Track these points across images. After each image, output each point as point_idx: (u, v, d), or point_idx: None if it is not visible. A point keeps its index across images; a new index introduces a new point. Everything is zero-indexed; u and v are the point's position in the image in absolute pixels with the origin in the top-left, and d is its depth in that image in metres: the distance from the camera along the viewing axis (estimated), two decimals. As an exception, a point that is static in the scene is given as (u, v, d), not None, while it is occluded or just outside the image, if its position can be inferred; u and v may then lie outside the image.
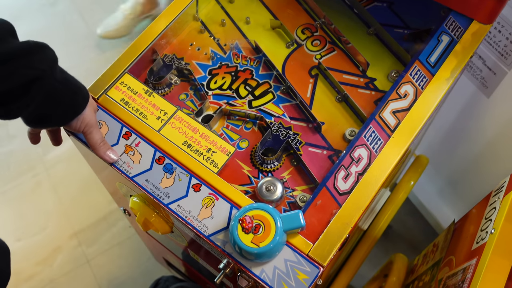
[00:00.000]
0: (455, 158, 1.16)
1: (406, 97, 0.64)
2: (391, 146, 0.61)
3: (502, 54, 0.85)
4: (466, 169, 1.15)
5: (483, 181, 1.11)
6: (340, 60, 0.71)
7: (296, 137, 0.66)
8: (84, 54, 1.61)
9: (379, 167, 0.60)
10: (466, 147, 1.10)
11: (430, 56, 0.66)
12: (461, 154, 1.13)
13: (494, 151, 1.03)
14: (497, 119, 0.96)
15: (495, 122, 0.97)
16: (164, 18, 0.72)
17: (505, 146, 0.99)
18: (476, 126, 1.03)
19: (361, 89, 0.68)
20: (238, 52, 0.73)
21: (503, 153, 1.01)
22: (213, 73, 0.72)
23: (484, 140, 1.03)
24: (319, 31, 0.74)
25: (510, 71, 0.86)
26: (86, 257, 1.35)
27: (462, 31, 0.67)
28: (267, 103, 0.69)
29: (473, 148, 1.08)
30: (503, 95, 0.91)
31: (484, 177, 1.10)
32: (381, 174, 0.59)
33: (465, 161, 1.13)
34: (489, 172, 1.08)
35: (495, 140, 1.00)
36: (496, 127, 0.98)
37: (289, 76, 0.70)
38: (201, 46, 0.74)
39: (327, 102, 0.68)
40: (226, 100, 0.69)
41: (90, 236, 1.37)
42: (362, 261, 0.92)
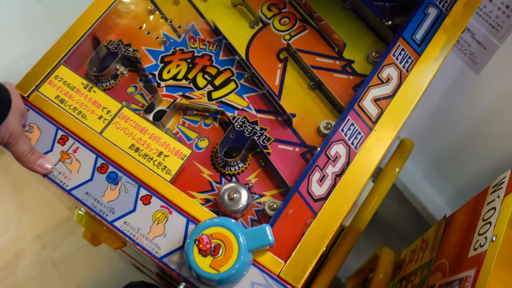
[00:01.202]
0: (441, 139, 1.08)
1: (389, 82, 0.54)
2: (373, 141, 0.52)
3: (494, 27, 0.77)
4: (453, 150, 1.07)
5: (471, 162, 1.04)
6: (313, 40, 0.61)
7: (264, 133, 0.56)
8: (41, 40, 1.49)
9: (360, 166, 0.51)
10: (453, 127, 1.02)
11: (416, 32, 0.56)
12: (448, 134, 1.05)
13: (483, 131, 0.95)
14: (487, 97, 0.88)
15: (485, 101, 0.89)
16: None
17: (495, 126, 0.92)
18: (464, 105, 0.95)
19: (337, 73, 0.59)
20: (195, 34, 0.63)
21: (493, 133, 0.93)
22: (166, 61, 0.62)
23: (473, 120, 0.96)
24: (287, 7, 0.64)
25: (502, 45, 0.78)
26: (52, 260, 1.26)
27: (452, 1, 0.57)
28: (229, 94, 0.59)
29: (461, 128, 1.00)
30: (494, 72, 0.83)
31: (473, 158, 1.02)
32: (362, 175, 0.51)
33: (452, 141, 1.05)
34: (478, 153, 1.00)
35: (484, 120, 0.93)
36: (485, 106, 0.90)
37: (254, 61, 0.61)
38: (152, 29, 0.64)
39: (299, 90, 0.59)
40: (182, 92, 0.60)
41: (55, 238, 1.28)
42: (345, 257, 0.85)
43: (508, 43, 0.76)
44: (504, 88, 0.83)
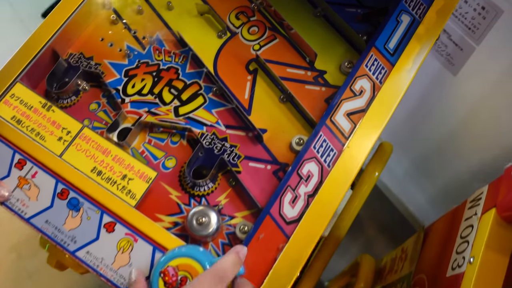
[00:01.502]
0: (420, 139, 1.07)
1: (362, 95, 0.52)
2: (347, 158, 0.50)
3: (470, 28, 0.75)
4: (433, 149, 1.06)
5: (451, 161, 1.03)
6: (283, 50, 0.59)
7: (234, 150, 0.54)
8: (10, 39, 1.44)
9: (333, 185, 0.49)
10: (433, 127, 1.01)
11: (389, 41, 0.54)
12: (427, 135, 1.04)
13: (461, 131, 0.94)
14: (465, 98, 0.87)
15: (463, 102, 0.88)
16: (65, 7, 0.58)
17: (472, 127, 0.91)
18: (443, 105, 0.94)
19: (309, 85, 0.57)
20: (160, 46, 0.60)
21: (471, 134, 0.93)
22: (130, 75, 0.59)
23: (451, 120, 0.94)
24: (256, 15, 0.61)
25: (479, 47, 0.76)
26: (27, 271, 1.22)
27: (425, 8, 0.55)
28: (197, 109, 0.57)
29: (440, 128, 0.99)
30: (471, 73, 0.81)
31: (453, 157, 1.01)
32: (336, 195, 0.48)
33: (432, 141, 1.04)
34: (458, 152, 0.99)
35: (463, 120, 0.92)
36: (463, 107, 0.89)
37: (223, 73, 0.58)
38: (114, 40, 0.60)
39: (269, 104, 0.56)
40: (147, 108, 0.57)
41: (30, 248, 1.24)
42: (325, 265, 0.83)
43: (484, 45, 0.75)
44: (481, 90, 0.82)
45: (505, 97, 0.80)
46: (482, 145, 0.92)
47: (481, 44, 0.75)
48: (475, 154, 0.95)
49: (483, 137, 0.90)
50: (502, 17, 0.69)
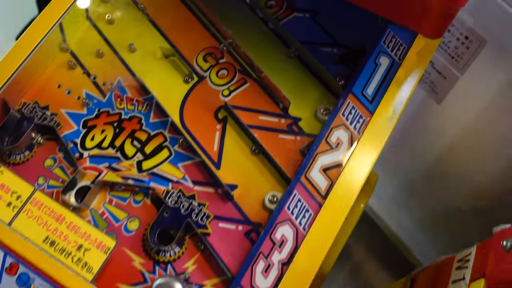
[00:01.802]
0: (406, 164, 1.04)
1: (339, 147, 0.48)
2: (324, 220, 0.46)
3: (453, 57, 0.71)
4: (419, 175, 1.03)
5: (438, 187, 1.00)
6: (254, 95, 0.55)
7: (202, 209, 0.50)
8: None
9: (310, 251, 0.45)
10: (418, 153, 0.98)
11: (367, 87, 0.50)
12: (413, 160, 1.01)
13: (446, 158, 0.92)
14: (450, 126, 0.84)
15: (447, 130, 0.85)
16: (18, 52, 0.54)
17: (458, 154, 0.88)
18: (428, 132, 0.91)
19: (283, 134, 0.53)
20: (122, 93, 0.55)
21: (456, 160, 0.90)
22: (89, 126, 0.54)
23: (436, 147, 0.91)
24: (226, 56, 0.57)
25: (463, 76, 0.73)
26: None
27: (405, 49, 0.51)
28: (162, 163, 0.52)
29: (426, 154, 0.96)
30: (456, 102, 0.78)
31: (439, 183, 0.99)
32: (313, 261, 0.44)
33: (418, 166, 1.01)
34: (443, 178, 0.97)
35: (448, 147, 0.89)
36: (448, 135, 0.86)
37: (190, 123, 0.54)
38: (72, 87, 0.56)
39: (240, 156, 0.52)
40: (108, 163, 0.52)
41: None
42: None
43: (468, 74, 0.71)
44: (465, 118, 0.79)
45: (489, 126, 0.77)
46: (467, 171, 0.89)
47: (465, 73, 0.72)
48: (461, 180, 0.92)
49: (468, 164, 0.88)
50: (486, 47, 0.65)
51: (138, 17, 0.59)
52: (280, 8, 0.58)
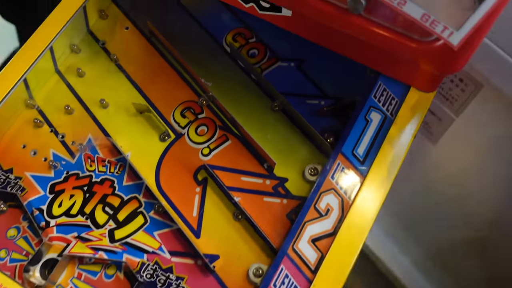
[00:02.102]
0: (401, 201, 1.00)
1: (329, 214, 0.44)
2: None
3: (447, 99, 0.68)
4: (414, 212, 1.00)
5: (433, 225, 0.96)
6: (237, 154, 0.50)
7: (180, 283, 0.45)
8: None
9: (300, 335, 0.40)
10: (412, 191, 0.94)
11: (357, 146, 0.46)
12: (408, 197, 0.97)
13: (439, 198, 0.89)
14: (446, 167, 0.81)
15: (444, 171, 0.82)
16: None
17: (450, 195, 0.85)
18: (423, 173, 0.87)
19: (268, 196, 0.48)
20: (93, 153, 0.51)
21: (449, 201, 0.87)
22: (57, 190, 0.49)
23: (433, 186, 0.88)
24: (205, 111, 0.53)
25: (458, 118, 0.69)
26: None
27: (397, 103, 0.48)
28: (136, 231, 0.48)
29: (420, 193, 0.93)
30: (451, 143, 0.75)
31: (434, 221, 0.95)
32: None
33: (413, 203, 0.98)
34: (438, 217, 0.93)
35: (441, 188, 0.86)
36: (444, 175, 0.83)
37: (166, 186, 0.49)
38: (39, 147, 0.51)
39: (222, 223, 0.48)
40: (77, 233, 0.48)
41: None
42: None
43: (464, 117, 0.68)
44: (458, 161, 0.76)
45: (480, 171, 0.75)
46: (458, 213, 0.87)
47: (461, 115, 0.68)
48: (454, 220, 0.89)
49: (458, 206, 0.85)
50: (482, 91, 0.62)
51: (111, 69, 0.55)
52: (263, 57, 0.55)
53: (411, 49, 0.36)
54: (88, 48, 0.57)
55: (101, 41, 0.57)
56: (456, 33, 0.30)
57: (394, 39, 0.36)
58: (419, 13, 0.31)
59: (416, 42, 0.35)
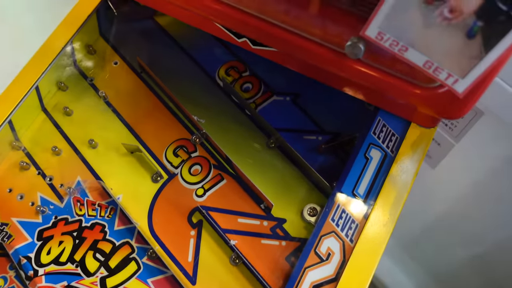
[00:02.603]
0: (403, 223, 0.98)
1: (330, 259, 0.42)
2: None
3: (446, 124, 0.67)
4: (416, 235, 0.98)
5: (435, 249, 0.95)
6: (232, 194, 0.49)
7: (176, 335, 0.43)
8: None
9: None
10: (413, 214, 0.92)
11: (358, 186, 0.44)
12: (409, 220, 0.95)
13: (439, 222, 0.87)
14: (444, 193, 0.79)
15: (442, 195, 0.80)
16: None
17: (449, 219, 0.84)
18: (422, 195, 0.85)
19: (266, 238, 0.46)
20: (82, 196, 0.49)
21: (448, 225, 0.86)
22: (45, 237, 0.47)
23: (430, 210, 0.87)
24: (199, 149, 0.51)
25: (458, 144, 0.68)
26: None
27: (397, 139, 0.46)
28: (129, 279, 0.45)
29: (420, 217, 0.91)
30: (450, 168, 0.73)
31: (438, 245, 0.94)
32: None
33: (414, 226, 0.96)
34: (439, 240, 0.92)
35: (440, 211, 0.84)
36: (443, 198, 0.81)
37: (160, 229, 0.47)
38: (25, 191, 0.49)
39: (219, 268, 0.46)
40: (67, 282, 0.45)
41: None
42: None
43: (464, 143, 0.67)
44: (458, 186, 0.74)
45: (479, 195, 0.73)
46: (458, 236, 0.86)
47: (460, 141, 0.67)
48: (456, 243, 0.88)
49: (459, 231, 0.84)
50: (482, 118, 0.61)
51: (100, 107, 0.53)
52: (258, 91, 0.53)
53: (413, 95, 0.35)
54: (75, 85, 0.55)
55: (89, 77, 0.55)
56: (461, 80, 0.29)
57: (394, 85, 0.35)
58: (422, 60, 0.29)
59: (419, 88, 0.34)
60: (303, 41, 0.36)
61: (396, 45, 0.30)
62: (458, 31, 0.27)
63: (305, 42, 0.36)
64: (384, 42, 0.30)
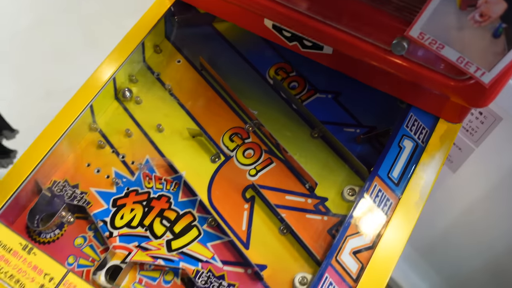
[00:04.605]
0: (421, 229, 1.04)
1: (368, 230, 0.49)
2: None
3: (467, 130, 0.73)
4: (433, 239, 1.03)
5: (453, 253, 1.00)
6: (281, 175, 0.56)
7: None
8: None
9: (343, 337, 0.44)
10: (431, 218, 0.98)
11: (392, 170, 0.52)
12: (427, 223, 1.01)
13: (459, 226, 0.92)
14: (464, 196, 0.85)
15: (462, 199, 0.86)
16: (49, 133, 0.55)
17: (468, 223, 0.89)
18: (442, 199, 0.91)
19: (310, 213, 0.54)
20: (150, 172, 0.57)
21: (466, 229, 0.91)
22: (119, 205, 0.55)
23: (449, 214, 0.92)
24: (251, 136, 0.59)
25: (477, 148, 0.74)
26: None
27: (428, 132, 0.53)
28: (191, 242, 0.53)
29: (439, 220, 0.96)
30: (470, 172, 0.80)
31: (454, 249, 0.99)
32: None
33: (431, 230, 1.01)
34: (458, 245, 0.97)
35: (459, 215, 0.90)
36: (462, 202, 0.87)
37: (218, 202, 0.55)
38: (102, 166, 0.57)
39: (269, 236, 0.53)
40: (137, 242, 0.53)
41: None
42: None
43: (483, 147, 0.73)
44: (477, 190, 0.80)
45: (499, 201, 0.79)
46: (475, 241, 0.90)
47: (480, 146, 0.74)
48: (474, 247, 0.93)
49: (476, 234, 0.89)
50: (501, 124, 0.68)
51: (165, 97, 0.61)
52: (303, 89, 0.61)
53: (448, 86, 0.42)
54: (144, 78, 0.63)
55: (156, 72, 0.63)
56: (487, 73, 0.36)
57: (432, 78, 0.42)
58: (455, 56, 0.37)
59: (452, 80, 0.41)
60: (355, 39, 0.44)
61: (435, 44, 0.37)
62: (486, 31, 0.34)
63: (356, 41, 0.44)
64: (425, 41, 0.38)
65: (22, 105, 1.41)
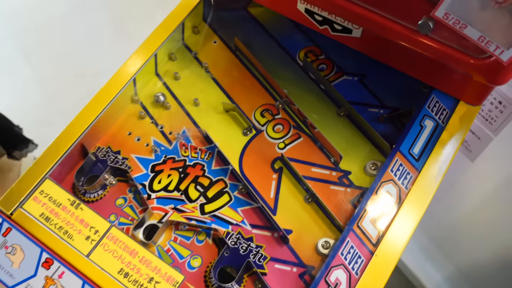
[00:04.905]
0: (436, 217, 1.07)
1: (389, 201, 0.53)
2: (375, 266, 0.50)
3: (487, 119, 0.76)
4: (449, 229, 1.06)
5: (467, 243, 1.03)
6: (308, 149, 0.60)
7: (259, 250, 0.54)
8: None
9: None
10: (448, 208, 1.01)
11: (413, 146, 0.55)
12: (443, 214, 1.04)
13: (476, 215, 0.95)
14: (481, 185, 0.88)
15: (480, 188, 0.89)
16: (96, 103, 0.60)
17: (487, 213, 0.91)
18: (460, 190, 0.94)
19: (334, 185, 0.57)
20: (186, 142, 0.61)
21: (485, 219, 0.93)
22: (157, 170, 0.60)
23: (466, 204, 0.95)
24: (281, 113, 0.63)
25: (496, 137, 0.77)
26: None
27: (448, 113, 0.57)
28: (223, 207, 0.57)
29: (456, 210, 0.99)
30: (489, 161, 0.82)
31: (470, 239, 1.01)
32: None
33: (448, 221, 1.04)
34: (473, 234, 1.00)
35: (478, 205, 0.92)
36: (479, 193, 0.90)
37: (248, 172, 0.59)
38: (142, 135, 0.62)
39: (295, 204, 0.57)
40: (173, 205, 0.57)
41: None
42: None
43: (502, 136, 0.76)
44: (496, 179, 0.83)
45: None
46: (495, 231, 0.92)
47: (499, 135, 0.76)
48: (489, 237, 0.95)
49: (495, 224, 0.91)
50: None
51: (202, 74, 0.66)
52: (331, 71, 0.65)
53: (469, 64, 0.45)
54: (183, 57, 0.68)
55: (194, 51, 0.68)
56: (506, 51, 0.40)
57: (455, 56, 0.46)
58: (477, 35, 0.40)
59: (473, 58, 0.44)
60: (385, 20, 0.47)
61: (458, 23, 0.41)
62: (506, 12, 0.38)
63: (386, 21, 0.47)
64: (449, 21, 0.41)
65: (54, 85, 1.49)
